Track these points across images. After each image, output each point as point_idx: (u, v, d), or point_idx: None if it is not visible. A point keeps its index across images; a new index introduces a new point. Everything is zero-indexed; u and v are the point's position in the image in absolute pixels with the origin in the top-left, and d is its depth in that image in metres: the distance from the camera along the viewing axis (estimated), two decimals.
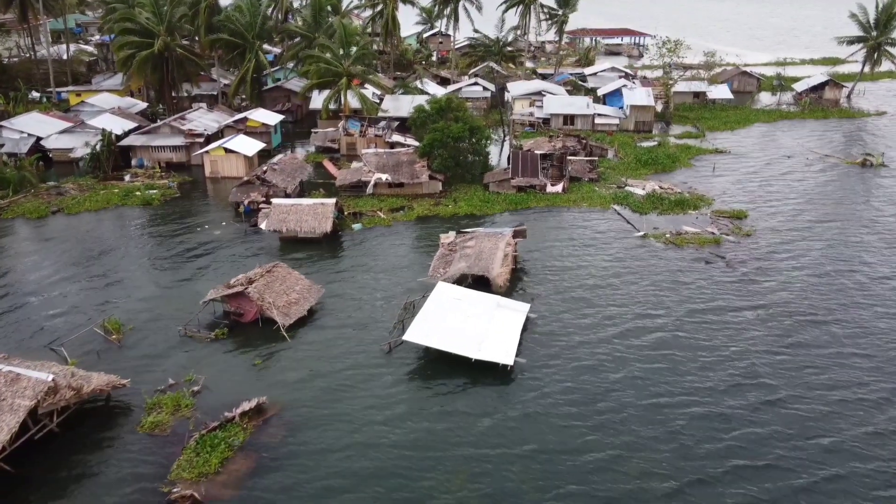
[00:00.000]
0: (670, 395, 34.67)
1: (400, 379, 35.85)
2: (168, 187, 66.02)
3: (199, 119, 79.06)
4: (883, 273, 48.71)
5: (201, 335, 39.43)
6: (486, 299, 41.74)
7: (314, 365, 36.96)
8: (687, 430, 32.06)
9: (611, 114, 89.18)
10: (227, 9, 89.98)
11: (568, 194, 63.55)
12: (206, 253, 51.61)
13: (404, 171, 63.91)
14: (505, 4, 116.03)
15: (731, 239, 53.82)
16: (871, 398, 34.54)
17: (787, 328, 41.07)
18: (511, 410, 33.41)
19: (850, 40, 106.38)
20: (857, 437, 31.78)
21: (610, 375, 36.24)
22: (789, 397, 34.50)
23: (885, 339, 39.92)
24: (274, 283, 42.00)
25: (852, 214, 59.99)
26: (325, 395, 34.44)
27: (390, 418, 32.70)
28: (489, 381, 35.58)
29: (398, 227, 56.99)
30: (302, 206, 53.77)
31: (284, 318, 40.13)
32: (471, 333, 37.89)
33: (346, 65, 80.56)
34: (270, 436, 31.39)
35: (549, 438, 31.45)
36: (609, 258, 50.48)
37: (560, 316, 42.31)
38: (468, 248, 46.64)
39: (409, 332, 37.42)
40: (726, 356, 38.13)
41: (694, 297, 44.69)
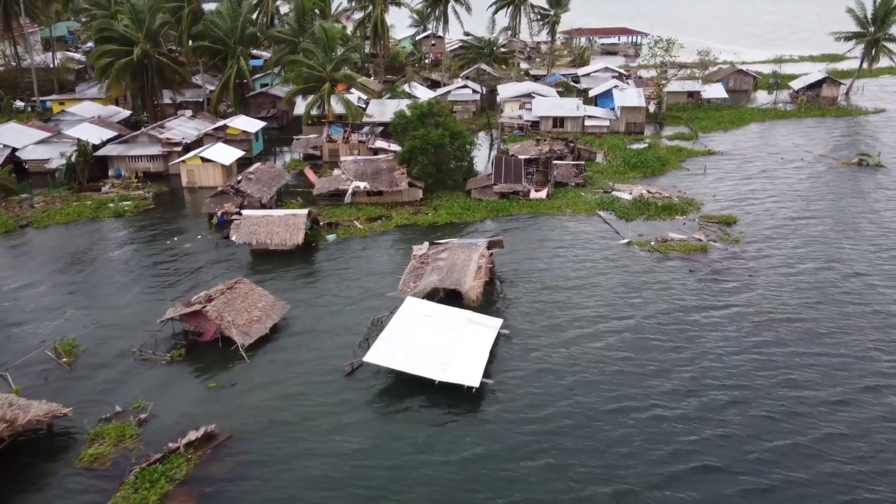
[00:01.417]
0: (647, 420, 32.73)
1: (360, 404, 34.04)
2: (143, 198, 64.44)
3: (179, 127, 77.52)
4: (870, 279, 46.80)
5: (157, 357, 37.74)
6: (457, 315, 39.93)
7: (271, 388, 35.21)
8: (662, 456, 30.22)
9: (601, 115, 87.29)
10: (206, 15, 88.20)
11: (552, 200, 61.68)
12: (173, 267, 49.96)
13: (383, 178, 62.14)
14: (495, 6, 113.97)
15: (719, 246, 51.87)
16: (854, 409, 32.67)
17: (771, 337, 39.21)
18: (473, 441, 31.48)
19: (848, 36, 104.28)
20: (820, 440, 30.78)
21: (582, 399, 34.27)
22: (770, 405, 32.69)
23: (862, 343, 38.03)
24: (235, 301, 40.28)
25: (846, 217, 57.94)
26: (279, 422, 32.65)
27: (347, 450, 30.79)
28: (453, 406, 33.69)
29: (374, 237, 55.22)
30: (273, 217, 52.07)
31: (244, 337, 38.40)
32: (437, 353, 36.08)
33: (329, 69, 78.83)
34: (217, 467, 29.64)
35: (512, 477, 29.48)
36: (590, 268, 48.57)
37: (534, 332, 40.44)
38: (441, 261, 44.82)
39: (371, 353, 35.65)
40: (705, 377, 36.21)
41: (678, 311, 42.65)
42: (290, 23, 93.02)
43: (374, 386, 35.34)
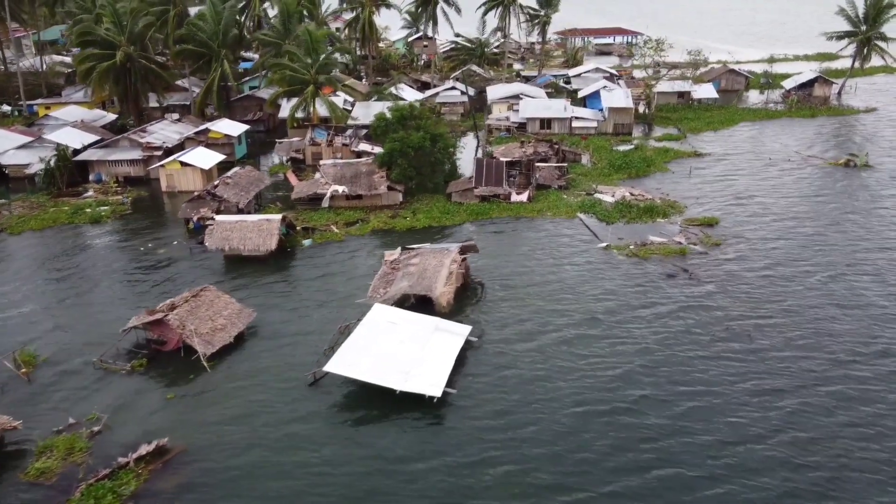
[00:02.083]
0: (610, 435, 31.96)
1: (320, 415, 33.35)
2: (121, 203, 63.82)
3: (162, 131, 76.94)
4: (847, 281, 45.97)
5: (117, 367, 37.08)
6: (424, 322, 39.23)
7: (231, 399, 34.53)
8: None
9: (589, 116, 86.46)
10: (188, 18, 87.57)
11: (533, 203, 60.90)
12: (144, 274, 49.35)
13: (362, 182, 61.46)
14: (484, 6, 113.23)
15: (699, 249, 51.06)
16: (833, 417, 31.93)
17: (742, 339, 38.42)
18: (432, 450, 30.79)
19: (840, 35, 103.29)
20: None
21: (547, 406, 33.56)
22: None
23: (834, 346, 37.19)
24: (199, 308, 39.61)
25: (828, 219, 57.08)
26: (237, 434, 31.97)
27: (303, 462, 30.13)
28: (415, 416, 33.00)
29: (351, 241, 54.51)
30: (246, 222, 51.40)
31: (207, 346, 37.72)
32: (400, 361, 35.37)
33: (314, 72, 78.18)
34: (168, 482, 28.95)
35: (470, 485, 28.83)
36: (566, 273, 47.81)
37: (504, 338, 39.72)
38: (412, 266, 44.11)
39: (332, 362, 34.95)
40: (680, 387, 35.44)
41: (651, 316, 41.91)
42: (276, 25, 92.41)
43: (335, 396, 34.65)
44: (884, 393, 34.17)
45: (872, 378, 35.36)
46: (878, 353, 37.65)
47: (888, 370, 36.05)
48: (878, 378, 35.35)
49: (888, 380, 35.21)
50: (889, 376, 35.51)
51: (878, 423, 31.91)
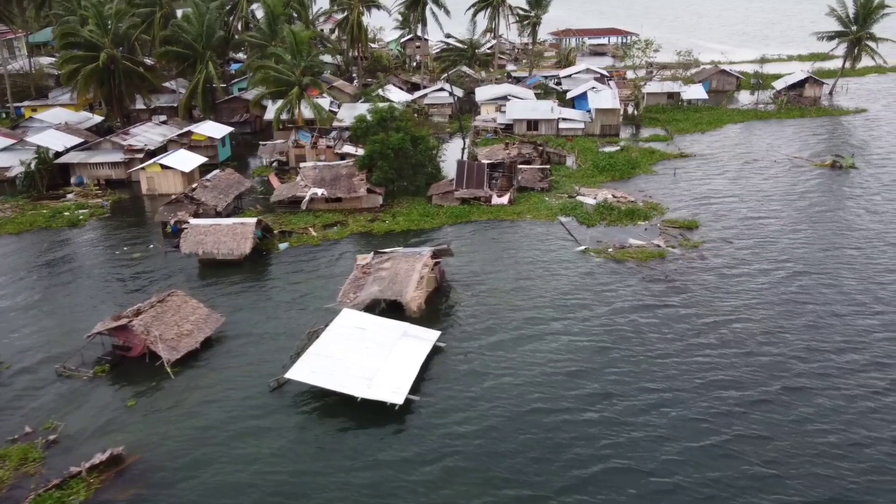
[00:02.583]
0: (576, 440, 31.50)
1: (281, 423, 32.87)
2: (100, 206, 63.45)
3: (145, 133, 76.54)
4: (821, 281, 45.59)
5: (80, 373, 36.66)
6: (393, 327, 38.82)
7: (192, 406, 34.10)
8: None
9: (576, 118, 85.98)
10: (173, 20, 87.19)
11: (514, 206, 60.44)
12: (117, 278, 48.97)
13: (342, 184, 61.05)
14: (474, 8, 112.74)
15: (677, 252, 50.60)
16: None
17: (713, 340, 38.06)
18: (390, 458, 30.35)
19: (830, 36, 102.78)
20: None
21: (509, 415, 33.08)
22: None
23: (800, 345, 36.87)
24: (166, 314, 39.20)
25: (809, 220, 56.59)
26: (195, 442, 31.53)
27: (261, 471, 29.66)
28: (376, 424, 32.56)
29: (328, 245, 54.08)
30: (220, 226, 51.00)
31: (171, 352, 37.30)
32: (364, 368, 34.96)
33: (298, 74, 77.76)
34: (119, 492, 28.51)
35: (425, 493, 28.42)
36: (542, 277, 47.33)
37: (474, 342, 39.29)
38: (383, 271, 43.68)
39: (294, 369, 34.55)
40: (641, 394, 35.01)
41: (624, 320, 41.42)
42: (262, 27, 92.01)
43: (298, 404, 34.21)
44: (841, 389, 34.28)
45: (830, 375, 35.49)
46: (836, 349, 37.71)
47: (849, 368, 36.09)
48: (836, 376, 35.44)
49: (846, 377, 35.29)
50: (848, 374, 35.60)
51: (833, 419, 32.02)
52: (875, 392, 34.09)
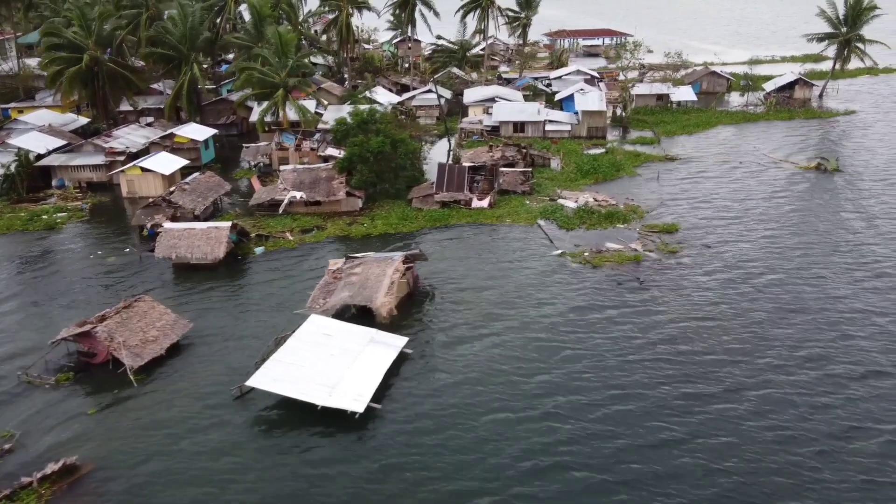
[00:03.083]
0: (543, 452, 31.13)
1: (241, 431, 32.54)
2: (79, 209, 63.15)
3: (128, 136, 76.25)
4: (793, 285, 45.14)
5: (41, 380, 36.34)
6: (360, 334, 38.48)
7: (153, 414, 33.77)
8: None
9: (563, 120, 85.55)
10: (158, 21, 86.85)
11: (494, 209, 60.10)
12: (90, 283, 48.65)
13: (321, 188, 60.71)
14: (463, 9, 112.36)
15: (654, 256, 50.23)
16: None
17: (677, 342, 37.71)
18: (346, 467, 30.01)
19: (820, 37, 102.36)
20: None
21: (471, 420, 32.74)
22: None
23: (759, 347, 36.44)
24: (131, 320, 38.88)
25: (788, 224, 56.21)
26: (153, 451, 31.20)
27: (221, 483, 29.28)
28: (336, 433, 32.22)
29: (304, 249, 53.74)
30: (194, 230, 50.67)
31: (135, 359, 36.97)
32: (328, 375, 34.62)
33: (283, 75, 77.42)
34: (71, 502, 28.15)
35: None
36: (516, 281, 46.98)
37: (440, 350, 38.95)
38: (354, 276, 43.33)
39: (256, 376, 34.20)
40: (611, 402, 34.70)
41: (596, 324, 41.14)
42: (248, 28, 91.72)
43: (260, 412, 33.88)
44: (806, 397, 34.12)
45: (798, 382, 35.35)
46: (805, 357, 37.49)
47: (815, 375, 35.98)
48: (803, 383, 35.26)
49: (812, 385, 35.16)
50: (814, 382, 35.47)
51: (796, 428, 31.88)
52: (823, 392, 34.43)
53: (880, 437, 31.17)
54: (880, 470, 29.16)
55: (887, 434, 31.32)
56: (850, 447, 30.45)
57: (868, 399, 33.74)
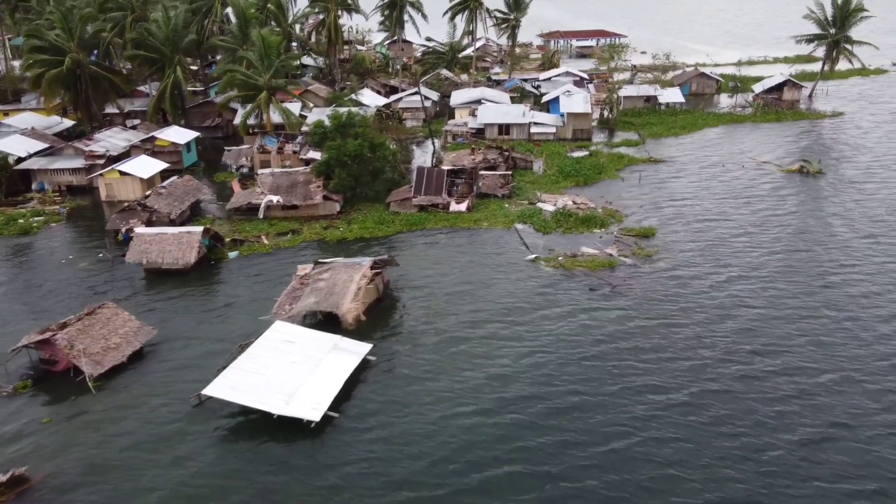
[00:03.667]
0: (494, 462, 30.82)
1: (198, 440, 32.21)
2: (57, 213, 62.89)
3: (109, 139, 75.96)
4: (764, 297, 44.61)
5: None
6: (323, 340, 38.15)
7: (109, 423, 33.45)
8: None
9: (548, 122, 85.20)
10: (141, 23, 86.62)
11: (472, 213, 59.75)
12: (60, 289, 48.36)
13: (298, 192, 60.41)
14: (450, 11, 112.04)
15: (628, 261, 49.85)
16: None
17: (642, 347, 37.58)
18: (297, 479, 29.70)
19: (809, 38, 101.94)
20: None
21: (430, 437, 32.34)
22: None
23: (721, 352, 36.07)
24: (93, 327, 38.58)
25: (766, 227, 55.80)
26: (108, 460, 30.93)
27: (174, 490, 29.03)
28: (291, 443, 31.89)
29: (279, 254, 53.42)
30: (166, 235, 50.38)
31: (95, 367, 36.66)
32: (286, 383, 34.29)
33: (267, 78, 77.12)
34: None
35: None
36: (487, 287, 46.60)
37: (405, 356, 38.62)
38: (321, 282, 43.01)
39: (214, 384, 33.88)
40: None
41: (565, 331, 40.72)
42: (233, 31, 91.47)
43: (218, 420, 33.56)
44: (752, 394, 34.57)
45: (747, 379, 35.79)
46: (769, 362, 37.38)
47: (765, 372, 36.38)
48: (752, 380, 35.74)
49: (762, 381, 35.60)
50: (764, 378, 35.85)
51: (738, 422, 32.23)
52: (786, 396, 34.35)
53: (839, 441, 31.09)
54: (834, 476, 29.08)
55: (848, 440, 31.18)
56: (805, 453, 30.42)
57: (827, 403, 33.76)
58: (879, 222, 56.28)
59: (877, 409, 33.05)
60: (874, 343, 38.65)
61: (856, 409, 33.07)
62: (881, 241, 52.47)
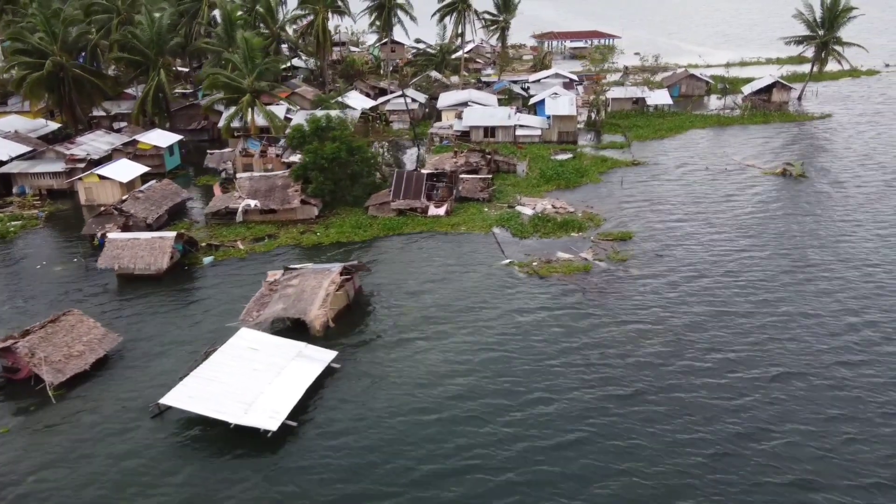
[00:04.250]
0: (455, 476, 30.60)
1: (155, 450, 31.88)
2: (35, 218, 62.69)
3: (92, 142, 75.73)
4: (730, 300, 44.42)
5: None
6: (288, 348, 37.91)
7: (68, 432, 33.21)
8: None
9: (534, 125, 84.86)
10: (125, 26, 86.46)
11: (451, 217, 59.45)
12: (32, 294, 48.14)
13: (276, 196, 60.17)
14: (439, 13, 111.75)
15: (603, 266, 49.56)
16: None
17: (608, 349, 37.13)
18: (253, 495, 29.45)
19: (798, 40, 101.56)
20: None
21: (390, 444, 32.11)
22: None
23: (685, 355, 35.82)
24: (56, 335, 38.34)
25: (748, 228, 55.51)
26: (62, 469, 30.69)
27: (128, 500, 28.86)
28: (248, 453, 31.59)
29: (254, 259, 53.15)
30: (138, 240, 50.14)
31: (56, 375, 36.42)
32: (246, 391, 34.02)
33: (251, 80, 76.85)
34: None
35: None
36: (459, 292, 46.31)
37: (371, 363, 38.35)
38: (290, 288, 42.74)
39: (172, 394, 33.63)
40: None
41: (532, 335, 40.48)
42: (219, 33, 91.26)
43: (176, 430, 33.28)
44: (702, 391, 35.11)
45: (697, 375, 36.48)
46: (727, 360, 37.52)
47: (715, 370, 36.84)
48: (701, 376, 36.31)
49: (711, 378, 36.18)
50: (713, 375, 36.37)
51: (694, 430, 32.23)
52: (733, 394, 34.71)
53: (783, 438, 31.55)
54: (779, 470, 29.56)
55: (795, 434, 31.72)
56: (751, 448, 30.90)
57: (783, 401, 34.14)
58: (859, 225, 56.06)
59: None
60: (862, 360, 38.21)
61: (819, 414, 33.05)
62: (862, 244, 52.23)
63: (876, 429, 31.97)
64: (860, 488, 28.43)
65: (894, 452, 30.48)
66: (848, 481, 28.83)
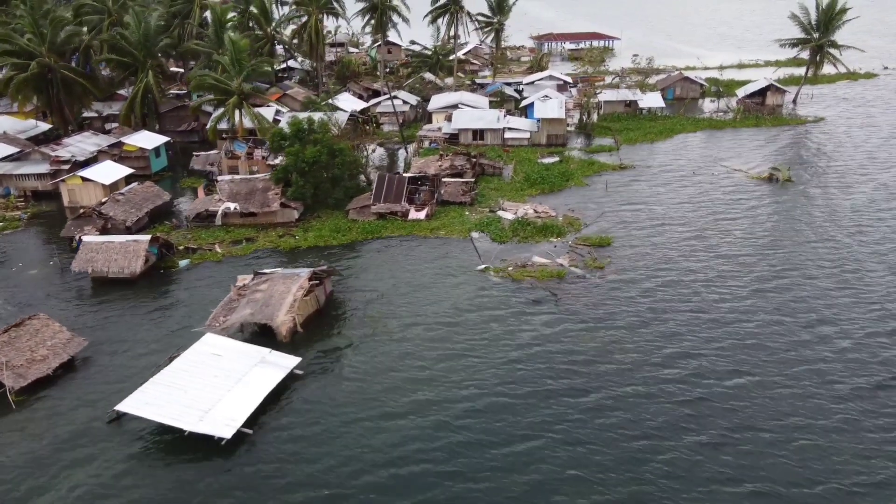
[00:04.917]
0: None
1: (109, 457, 31.73)
2: (17, 219, 62.71)
3: (78, 144, 75.75)
4: (708, 311, 43.80)
5: None
6: (251, 354, 37.70)
7: (24, 439, 33.07)
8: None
9: (524, 127, 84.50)
10: (114, 28, 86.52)
11: (431, 221, 59.18)
12: (3, 297, 47.98)
13: (256, 199, 60.00)
14: (431, 14, 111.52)
15: (578, 271, 49.16)
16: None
17: (571, 353, 36.74)
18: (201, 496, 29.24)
19: (793, 43, 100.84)
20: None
21: (347, 447, 31.88)
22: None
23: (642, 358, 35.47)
24: (20, 339, 38.25)
25: (729, 237, 54.91)
26: (18, 476, 30.55)
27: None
28: (201, 460, 31.40)
29: (230, 262, 52.98)
30: (113, 243, 50.06)
31: (17, 379, 36.31)
32: (204, 398, 33.80)
33: (238, 82, 76.74)
34: None
35: None
36: (432, 296, 46.04)
37: (335, 370, 38.15)
38: (259, 293, 42.54)
39: (129, 400, 33.46)
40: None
41: (503, 341, 40.18)
42: (209, 35, 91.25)
43: (132, 437, 33.10)
44: (662, 398, 35.05)
45: (656, 383, 36.33)
46: (691, 366, 37.04)
47: (671, 378, 36.57)
48: (660, 384, 36.27)
49: (669, 385, 36.11)
50: (670, 384, 36.27)
51: (654, 437, 32.23)
52: (690, 400, 34.72)
53: (744, 446, 31.42)
54: (735, 479, 29.50)
55: (756, 442, 31.43)
56: (710, 456, 30.82)
57: (745, 408, 33.92)
58: (842, 228, 55.64)
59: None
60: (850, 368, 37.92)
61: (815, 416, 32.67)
62: (847, 249, 51.86)
63: (835, 435, 31.71)
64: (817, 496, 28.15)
65: (851, 459, 30.16)
66: (806, 489, 28.54)
